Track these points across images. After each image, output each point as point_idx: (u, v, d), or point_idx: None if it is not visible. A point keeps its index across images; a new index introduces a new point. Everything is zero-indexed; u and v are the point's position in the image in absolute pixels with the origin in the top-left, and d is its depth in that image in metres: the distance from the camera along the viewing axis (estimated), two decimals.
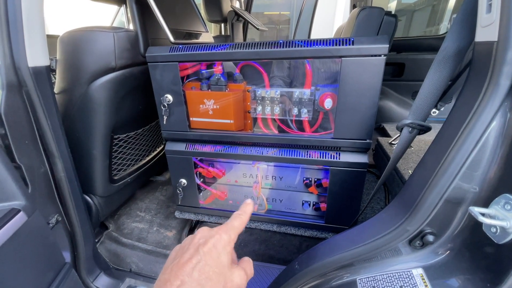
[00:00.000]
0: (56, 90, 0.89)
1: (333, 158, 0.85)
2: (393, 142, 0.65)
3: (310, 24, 2.91)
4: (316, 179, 0.99)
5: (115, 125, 1.01)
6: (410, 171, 1.10)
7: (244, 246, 1.04)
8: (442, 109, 2.07)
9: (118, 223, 1.30)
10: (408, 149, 1.36)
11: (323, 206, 0.99)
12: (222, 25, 2.24)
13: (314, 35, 3.06)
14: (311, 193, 1.00)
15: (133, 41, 0.92)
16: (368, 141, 0.79)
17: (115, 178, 1.14)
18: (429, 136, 1.58)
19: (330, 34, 6.05)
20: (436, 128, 0.56)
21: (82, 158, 0.98)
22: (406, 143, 0.62)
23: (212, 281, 0.30)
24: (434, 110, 2.11)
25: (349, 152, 0.84)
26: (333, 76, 0.83)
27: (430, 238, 0.53)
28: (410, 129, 0.60)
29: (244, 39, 2.46)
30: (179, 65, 0.86)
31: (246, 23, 2.42)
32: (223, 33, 2.26)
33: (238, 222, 0.39)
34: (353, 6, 2.24)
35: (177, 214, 1.16)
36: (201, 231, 0.36)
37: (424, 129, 0.60)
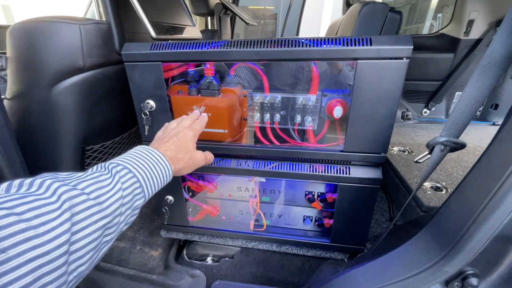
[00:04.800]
0: (8, 94, 0.72)
1: (343, 173, 0.75)
2: (419, 161, 0.57)
3: (299, 20, 2.80)
4: (319, 193, 0.89)
5: (87, 135, 0.86)
6: (416, 180, 1.03)
7: (240, 268, 0.93)
8: (433, 109, 2.00)
9: None
10: (409, 155, 1.30)
11: (326, 222, 0.90)
12: (209, 18, 2.09)
13: (302, 31, 2.96)
14: (314, 208, 0.91)
15: (105, 35, 0.77)
16: (383, 155, 0.70)
17: None
18: (423, 137, 1.49)
19: (317, 30, 5.99)
20: (427, 129, 0.47)
21: None
22: (437, 163, 0.53)
23: (182, 152, 0.49)
24: (425, 110, 2.04)
25: (360, 166, 0.75)
26: (342, 81, 0.73)
27: (474, 281, 0.44)
28: (443, 147, 0.51)
29: (232, 34, 2.31)
30: (163, 65, 0.72)
31: (233, 17, 2.27)
32: (209, 27, 2.11)
33: (198, 125, 0.60)
34: (347, 2, 2.15)
35: (163, 233, 1.03)
36: (172, 127, 0.57)
37: (458, 147, 0.51)
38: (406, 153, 1.30)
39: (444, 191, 0.96)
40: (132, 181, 0.36)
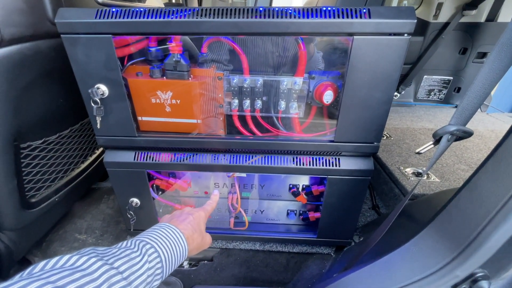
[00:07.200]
0: None
1: (332, 166, 0.68)
2: (420, 152, 0.51)
3: None
4: (304, 186, 0.83)
5: (19, 129, 0.68)
6: (397, 166, 1.01)
7: (221, 271, 0.85)
8: (403, 92, 1.99)
9: (48, 254, 0.99)
10: (387, 140, 1.29)
11: (312, 216, 0.85)
12: None
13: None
14: (299, 201, 0.84)
15: None
16: (375, 144, 0.64)
17: (33, 200, 0.81)
18: (395, 121, 1.46)
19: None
20: (399, 112, 0.42)
21: None
22: (442, 154, 0.47)
23: (197, 232, 0.50)
24: (396, 93, 2.03)
25: (350, 156, 0.68)
26: (333, 61, 0.64)
27: (484, 284, 0.40)
28: (450, 136, 0.45)
29: None
30: (115, 39, 0.57)
31: None
32: (173, 1, 1.88)
33: (210, 207, 0.59)
34: None
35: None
36: (187, 209, 0.55)
37: (466, 136, 0.46)
38: (385, 138, 1.28)
39: (425, 177, 0.95)
40: (156, 261, 0.39)
